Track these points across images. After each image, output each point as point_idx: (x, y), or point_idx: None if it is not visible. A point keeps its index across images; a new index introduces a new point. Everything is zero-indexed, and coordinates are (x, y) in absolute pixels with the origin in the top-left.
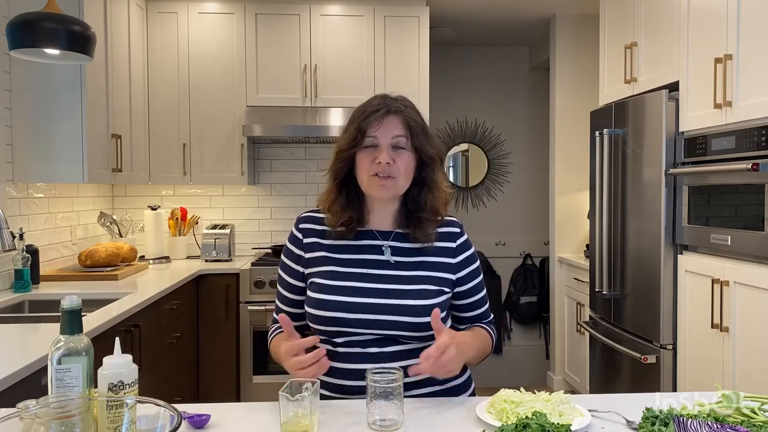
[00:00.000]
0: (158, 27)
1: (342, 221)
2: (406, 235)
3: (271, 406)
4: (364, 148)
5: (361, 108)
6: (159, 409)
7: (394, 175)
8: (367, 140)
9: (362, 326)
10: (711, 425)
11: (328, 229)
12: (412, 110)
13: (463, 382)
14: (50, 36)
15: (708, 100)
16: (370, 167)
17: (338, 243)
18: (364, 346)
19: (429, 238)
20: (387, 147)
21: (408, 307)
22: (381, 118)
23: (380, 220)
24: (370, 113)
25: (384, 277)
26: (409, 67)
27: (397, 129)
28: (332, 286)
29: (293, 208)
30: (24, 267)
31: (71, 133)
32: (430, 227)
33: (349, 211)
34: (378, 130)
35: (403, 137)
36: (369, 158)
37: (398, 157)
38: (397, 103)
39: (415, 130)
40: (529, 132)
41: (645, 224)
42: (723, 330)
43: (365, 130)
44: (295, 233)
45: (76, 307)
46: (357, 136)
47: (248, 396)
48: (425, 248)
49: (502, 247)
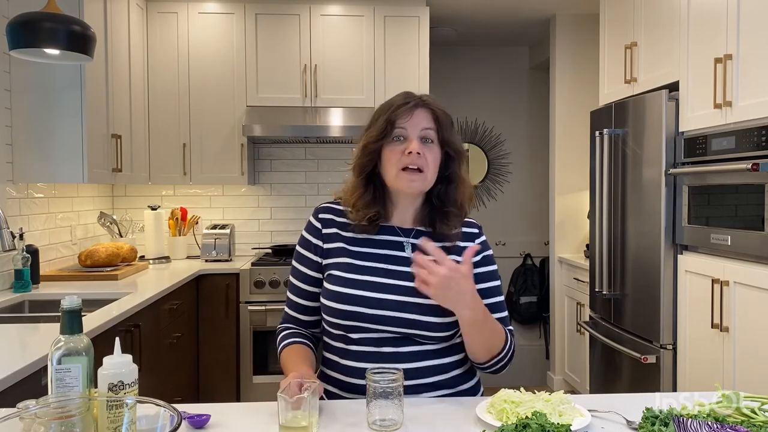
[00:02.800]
0: (158, 27)
1: (368, 216)
2: (428, 234)
3: (271, 406)
4: (392, 141)
5: (388, 103)
6: (159, 409)
7: (423, 167)
8: (396, 131)
9: (379, 322)
10: (711, 425)
11: (349, 222)
12: (440, 105)
13: (472, 387)
14: (50, 36)
15: (708, 100)
16: (400, 160)
17: (359, 236)
18: (379, 345)
19: (454, 236)
20: (416, 139)
21: (426, 306)
22: (410, 110)
23: (402, 216)
24: (399, 105)
25: (404, 274)
26: (409, 67)
27: (426, 121)
28: (351, 279)
29: (293, 208)
30: (24, 267)
31: (71, 133)
32: (456, 222)
33: (375, 206)
34: (408, 122)
35: (432, 130)
36: (397, 151)
37: (427, 151)
38: (424, 98)
39: (443, 124)
40: (529, 132)
41: (645, 224)
42: (723, 330)
43: (394, 121)
44: (313, 223)
45: (76, 307)
46: (386, 127)
47: (248, 396)
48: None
49: (502, 247)
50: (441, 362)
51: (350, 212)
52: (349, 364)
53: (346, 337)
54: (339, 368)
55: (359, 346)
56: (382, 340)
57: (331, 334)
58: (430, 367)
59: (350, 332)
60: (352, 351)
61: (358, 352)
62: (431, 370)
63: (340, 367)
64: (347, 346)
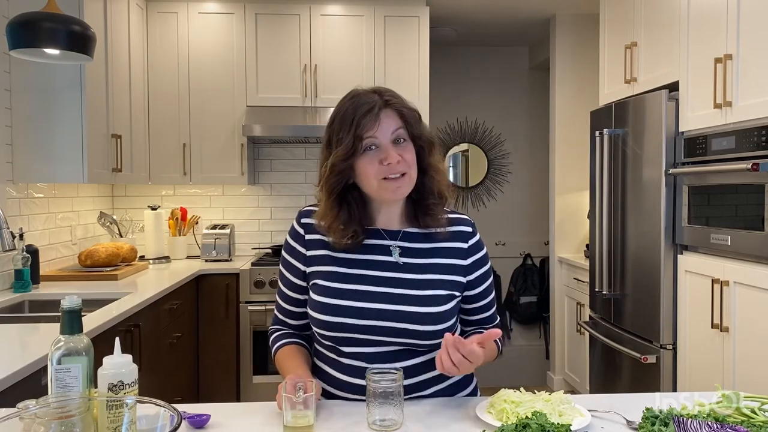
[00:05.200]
0: (158, 27)
1: (348, 237)
2: (416, 234)
3: (270, 405)
4: (364, 153)
5: (348, 112)
6: (159, 409)
7: (405, 170)
8: (365, 143)
9: (369, 332)
10: (711, 425)
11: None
12: (401, 99)
13: (470, 392)
14: (50, 36)
15: (708, 100)
16: (379, 170)
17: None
18: (371, 361)
19: (440, 223)
20: (389, 145)
21: (418, 314)
22: (376, 116)
23: (388, 218)
24: (363, 115)
25: (392, 281)
26: (409, 67)
27: (394, 123)
28: (337, 289)
29: (293, 208)
30: (24, 267)
31: (71, 133)
32: (439, 211)
33: (352, 225)
34: (377, 130)
35: (401, 129)
36: (374, 161)
37: (403, 151)
38: (383, 96)
39: (410, 120)
40: (529, 132)
41: (645, 224)
42: (723, 330)
43: (362, 134)
44: (296, 228)
45: (76, 307)
46: (354, 143)
47: (248, 396)
48: (436, 249)
49: (502, 247)
50: (436, 373)
51: (328, 234)
52: (340, 378)
53: (337, 349)
54: (330, 381)
55: (351, 360)
56: (375, 355)
57: (323, 344)
58: (427, 380)
59: (341, 345)
60: (345, 364)
61: (350, 367)
62: (428, 383)
63: (332, 380)
64: (339, 358)
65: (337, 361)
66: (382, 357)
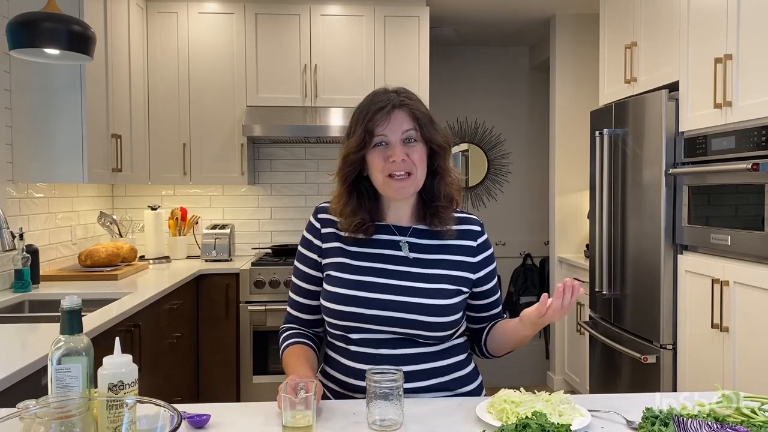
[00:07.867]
0: (158, 27)
1: (355, 224)
2: (425, 231)
3: (270, 405)
4: (374, 147)
5: (364, 107)
6: (159, 409)
7: (411, 170)
8: (376, 139)
9: (378, 323)
10: (711, 425)
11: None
12: (417, 101)
13: (474, 389)
14: (50, 36)
15: (708, 100)
16: (384, 167)
17: (355, 236)
18: (378, 347)
19: (448, 224)
20: (398, 143)
21: (425, 306)
22: (387, 115)
23: (398, 215)
24: (376, 111)
25: (401, 274)
26: (409, 67)
27: (405, 123)
28: (348, 279)
29: (293, 208)
30: (24, 267)
31: (71, 133)
32: (448, 215)
33: (361, 213)
34: (387, 128)
35: (412, 130)
36: (381, 157)
37: (411, 151)
38: (399, 96)
39: (422, 122)
40: (529, 132)
41: (645, 224)
42: (723, 330)
43: (373, 129)
44: (313, 222)
45: (76, 307)
46: (365, 137)
47: (248, 396)
48: (444, 246)
49: (502, 247)
50: (440, 365)
51: (340, 222)
52: (349, 365)
53: (346, 337)
54: (340, 368)
55: (359, 347)
56: (382, 342)
57: (333, 334)
58: (429, 370)
59: (350, 333)
60: (352, 351)
61: (357, 353)
62: (430, 372)
63: (342, 367)
64: (348, 346)
65: (347, 349)
66: (388, 343)
